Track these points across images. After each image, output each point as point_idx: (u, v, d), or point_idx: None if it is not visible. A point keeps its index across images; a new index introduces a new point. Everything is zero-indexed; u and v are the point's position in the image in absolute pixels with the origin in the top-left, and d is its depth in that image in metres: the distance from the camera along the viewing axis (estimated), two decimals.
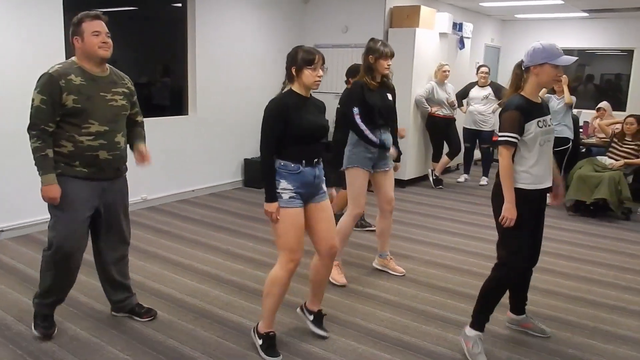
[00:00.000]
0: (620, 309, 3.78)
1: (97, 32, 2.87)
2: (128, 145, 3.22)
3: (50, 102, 2.82)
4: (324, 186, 3.10)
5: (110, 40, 2.94)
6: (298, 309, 3.42)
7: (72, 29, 2.92)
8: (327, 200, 3.13)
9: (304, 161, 2.91)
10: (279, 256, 2.98)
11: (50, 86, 2.82)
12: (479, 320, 3.10)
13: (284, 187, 2.89)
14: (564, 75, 5.99)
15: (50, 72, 2.85)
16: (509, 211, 2.88)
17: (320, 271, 3.19)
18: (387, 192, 4.15)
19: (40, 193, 2.88)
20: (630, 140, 6.22)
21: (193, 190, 6.65)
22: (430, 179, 7.65)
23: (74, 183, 2.94)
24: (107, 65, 3.05)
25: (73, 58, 2.97)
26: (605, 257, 4.86)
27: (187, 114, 6.58)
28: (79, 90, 2.87)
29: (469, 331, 3.10)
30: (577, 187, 6.16)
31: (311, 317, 3.32)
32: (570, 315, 3.66)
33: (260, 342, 3.03)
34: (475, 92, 7.63)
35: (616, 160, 6.21)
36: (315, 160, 2.99)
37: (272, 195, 2.88)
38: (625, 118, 6.45)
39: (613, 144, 6.42)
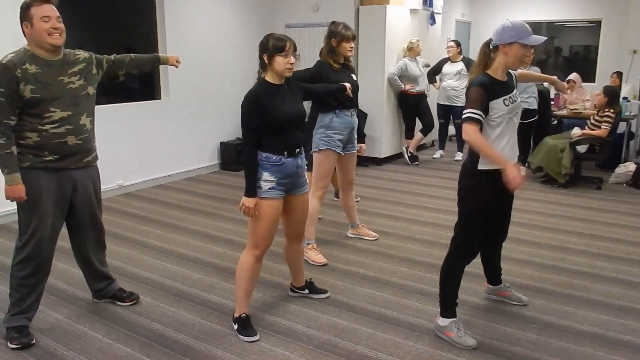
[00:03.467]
0: (591, 276, 3.89)
1: (46, 18, 2.71)
2: (158, 66, 3.29)
3: (8, 94, 2.66)
4: (305, 176, 3.14)
5: (61, 25, 2.78)
6: (290, 292, 3.56)
7: (20, 14, 2.75)
8: (307, 193, 3.18)
9: (285, 152, 2.92)
10: (247, 241, 3.03)
11: (6, 78, 2.65)
12: (447, 307, 3.03)
13: (266, 178, 2.89)
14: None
15: (4, 62, 2.68)
16: (511, 170, 2.67)
17: (291, 254, 3.39)
18: (350, 174, 4.36)
19: (5, 193, 2.75)
20: (601, 112, 6.30)
21: (169, 175, 6.61)
22: (405, 156, 7.70)
23: (43, 177, 2.83)
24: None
25: (25, 45, 2.80)
26: (576, 226, 4.98)
27: (160, 99, 6.51)
28: (35, 79, 2.73)
29: (443, 321, 3.02)
30: (537, 151, 6.56)
31: (306, 291, 3.53)
32: (545, 283, 3.76)
33: (236, 326, 3.08)
34: (447, 67, 7.66)
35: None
36: (297, 150, 3.00)
37: (252, 190, 2.89)
38: None
39: (592, 116, 6.51)
